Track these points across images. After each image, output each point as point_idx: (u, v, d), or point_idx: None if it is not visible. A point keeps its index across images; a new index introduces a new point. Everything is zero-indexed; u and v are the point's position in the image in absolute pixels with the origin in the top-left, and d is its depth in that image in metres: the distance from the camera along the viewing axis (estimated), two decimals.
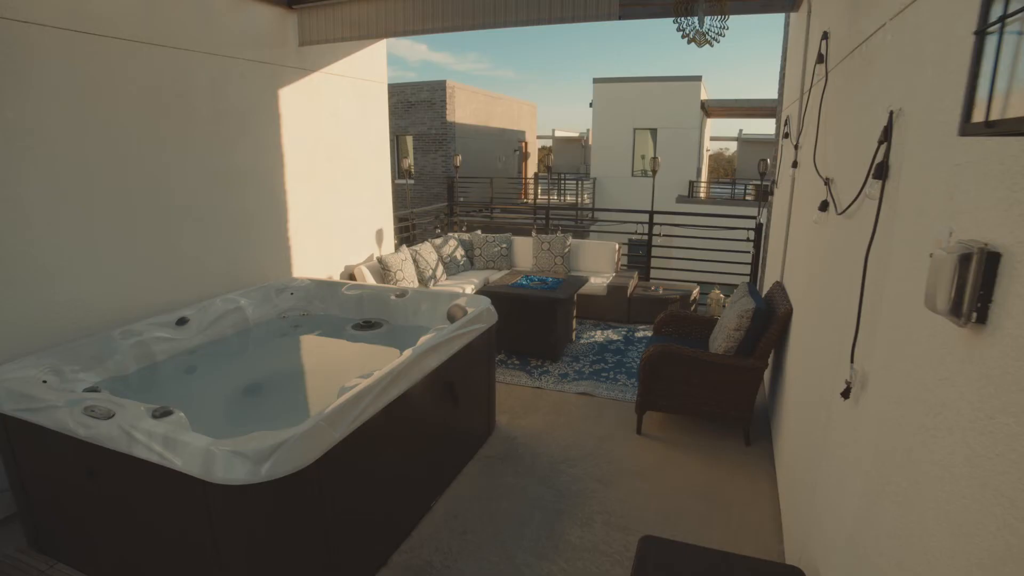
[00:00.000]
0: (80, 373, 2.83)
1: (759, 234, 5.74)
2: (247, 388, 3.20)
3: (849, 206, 1.97)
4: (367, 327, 3.82)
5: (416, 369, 2.71)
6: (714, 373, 3.53)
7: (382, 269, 5.29)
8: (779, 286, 3.89)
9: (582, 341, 5.46)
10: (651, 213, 6.63)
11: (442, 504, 3.03)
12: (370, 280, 5.19)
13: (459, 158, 9.05)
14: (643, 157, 19.01)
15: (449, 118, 15.83)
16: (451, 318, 3.51)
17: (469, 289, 5.74)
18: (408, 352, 2.72)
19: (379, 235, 5.76)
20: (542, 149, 31.95)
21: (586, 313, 6.00)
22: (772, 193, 5.26)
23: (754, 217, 6.03)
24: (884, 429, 1.38)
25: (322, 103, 4.90)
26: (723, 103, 16.24)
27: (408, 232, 7.56)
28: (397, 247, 5.72)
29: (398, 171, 16.46)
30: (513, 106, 20.67)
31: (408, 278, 5.45)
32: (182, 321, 3.47)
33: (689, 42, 3.08)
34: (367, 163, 5.51)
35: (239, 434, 1.99)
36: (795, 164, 3.74)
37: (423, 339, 2.94)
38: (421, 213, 8.05)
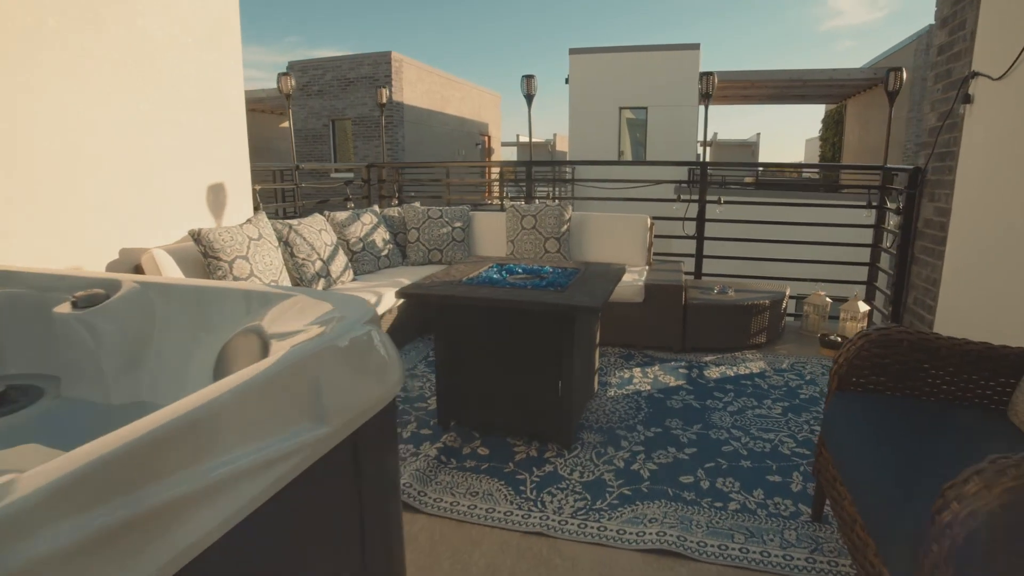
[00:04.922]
0: None
1: (914, 188, 3.27)
2: None
3: None
4: None
5: None
6: None
7: (204, 257, 2.58)
8: None
9: (611, 392, 2.84)
10: (703, 165, 4.06)
11: None
12: (177, 276, 2.47)
13: (385, 92, 6.41)
14: (622, 153, 16.79)
15: (396, 97, 13.08)
16: (223, 371, 0.86)
17: (387, 297, 3.08)
18: None
19: (217, 195, 3.05)
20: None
21: (606, 335, 3.38)
22: (969, 102, 2.79)
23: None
24: None
25: None
26: (733, 75, 13.37)
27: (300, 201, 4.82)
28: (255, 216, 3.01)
29: (335, 160, 13.62)
30: (473, 93, 18.07)
31: (267, 275, 2.75)
32: None
33: None
34: (183, 48, 2.82)
35: None
36: None
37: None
38: (323, 173, 5.26)
